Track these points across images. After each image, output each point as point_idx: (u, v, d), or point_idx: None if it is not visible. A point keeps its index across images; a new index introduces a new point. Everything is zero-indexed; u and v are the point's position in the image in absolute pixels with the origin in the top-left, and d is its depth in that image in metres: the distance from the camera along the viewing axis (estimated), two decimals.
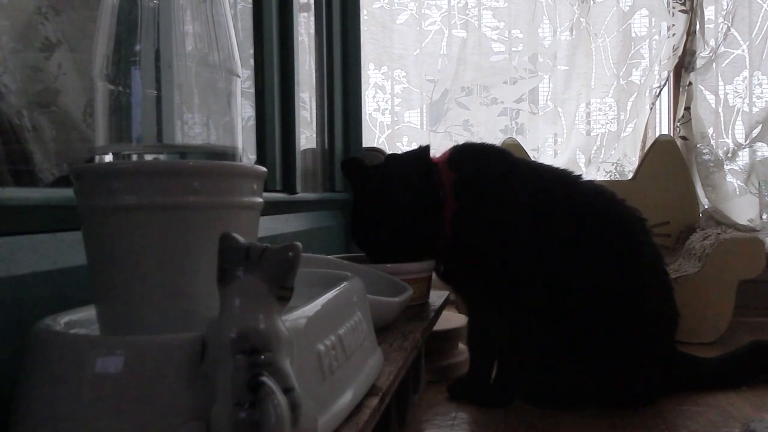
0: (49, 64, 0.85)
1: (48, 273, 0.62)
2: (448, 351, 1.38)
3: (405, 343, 0.84)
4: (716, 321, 1.66)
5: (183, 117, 0.55)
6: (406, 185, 1.13)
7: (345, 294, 0.68)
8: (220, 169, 0.52)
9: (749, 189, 2.07)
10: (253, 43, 1.37)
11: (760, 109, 2.12)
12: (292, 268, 0.45)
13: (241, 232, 0.47)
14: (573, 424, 1.06)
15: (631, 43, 2.21)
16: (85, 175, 0.51)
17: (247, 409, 0.39)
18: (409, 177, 1.14)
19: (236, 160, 0.56)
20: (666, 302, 1.16)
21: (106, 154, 0.53)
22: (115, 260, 0.50)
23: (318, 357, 0.55)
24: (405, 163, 1.18)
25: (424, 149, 1.18)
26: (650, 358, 1.13)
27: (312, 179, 1.75)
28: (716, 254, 1.66)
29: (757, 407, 1.13)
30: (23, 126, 0.77)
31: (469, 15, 2.28)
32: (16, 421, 0.47)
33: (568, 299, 1.08)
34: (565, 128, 2.24)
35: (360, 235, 1.18)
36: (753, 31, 2.11)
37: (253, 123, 1.38)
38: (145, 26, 0.53)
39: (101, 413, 0.43)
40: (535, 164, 1.34)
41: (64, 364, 0.46)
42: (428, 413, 1.13)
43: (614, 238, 1.13)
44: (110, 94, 0.53)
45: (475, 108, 2.29)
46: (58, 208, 0.66)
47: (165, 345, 0.45)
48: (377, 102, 2.33)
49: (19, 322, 0.54)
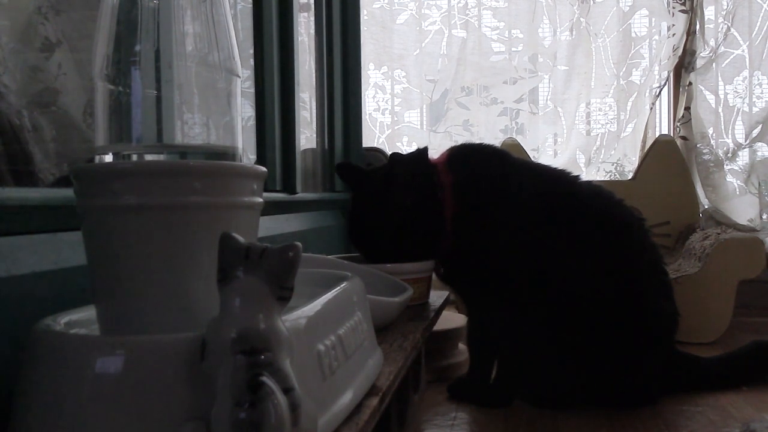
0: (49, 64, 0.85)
1: (48, 273, 0.62)
2: (448, 351, 1.38)
3: (405, 343, 0.84)
4: (716, 321, 1.66)
5: (183, 117, 0.55)
6: (405, 187, 1.13)
7: (345, 294, 0.68)
8: (220, 169, 0.52)
9: (749, 189, 2.07)
10: (253, 43, 1.37)
11: (760, 109, 2.12)
12: (292, 268, 0.45)
13: (241, 232, 0.47)
14: (573, 424, 1.06)
15: (631, 43, 2.21)
16: (85, 175, 0.51)
17: (247, 409, 0.39)
18: (409, 179, 1.13)
19: (236, 160, 0.56)
20: (666, 302, 1.16)
21: (106, 154, 0.53)
22: (115, 260, 0.50)
23: (318, 357, 0.55)
24: (404, 165, 1.18)
25: (423, 151, 1.18)
26: (650, 358, 1.13)
27: (312, 179, 1.75)
28: (716, 254, 1.66)
29: (757, 407, 1.13)
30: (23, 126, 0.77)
31: (469, 15, 2.28)
32: (16, 420, 0.47)
33: (567, 299, 1.08)
34: (565, 128, 2.24)
35: (358, 237, 1.18)
36: (753, 31, 2.11)
37: (253, 123, 1.38)
38: (145, 26, 0.53)
39: (101, 413, 0.43)
40: (533, 164, 1.35)
41: (64, 364, 0.46)
42: (428, 413, 1.13)
43: (613, 238, 1.13)
44: (110, 94, 0.53)
45: (475, 108, 2.29)
46: (58, 208, 0.66)
47: (165, 345, 0.45)
48: (377, 102, 2.33)
49: (19, 322, 0.54)
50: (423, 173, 1.14)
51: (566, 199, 1.15)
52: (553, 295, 1.09)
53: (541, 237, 1.10)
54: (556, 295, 1.09)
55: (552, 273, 1.09)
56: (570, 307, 1.08)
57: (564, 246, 1.10)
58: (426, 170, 1.14)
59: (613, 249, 1.12)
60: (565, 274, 1.09)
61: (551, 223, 1.11)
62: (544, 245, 1.10)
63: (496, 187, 1.13)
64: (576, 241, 1.11)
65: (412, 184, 1.13)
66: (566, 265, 1.09)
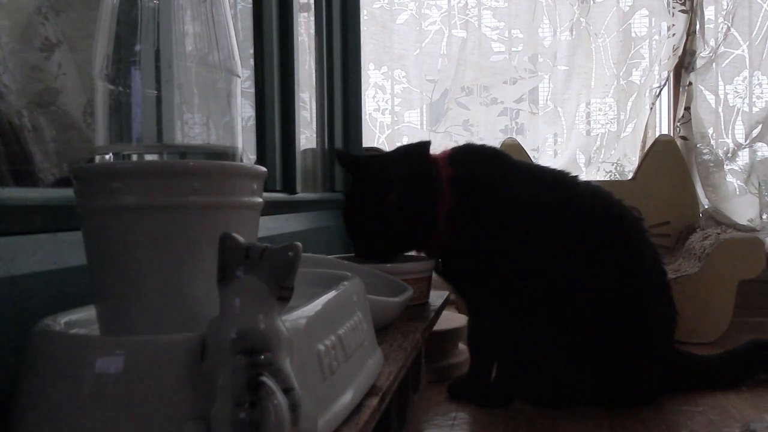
0: (49, 64, 0.85)
1: (48, 273, 0.62)
2: (448, 351, 1.38)
3: (405, 343, 0.84)
4: (716, 321, 1.66)
5: (183, 117, 0.55)
6: (401, 176, 1.13)
7: (345, 294, 0.68)
8: (220, 169, 0.52)
9: (749, 189, 2.07)
10: (253, 43, 1.37)
11: (760, 109, 2.12)
12: (292, 268, 0.45)
13: (241, 232, 0.47)
14: (573, 424, 1.06)
15: (631, 43, 2.21)
16: (85, 175, 0.51)
17: (247, 409, 0.39)
18: (406, 168, 1.14)
19: (236, 160, 0.56)
20: (664, 302, 1.16)
21: (106, 154, 0.53)
22: (115, 260, 0.50)
23: (318, 357, 0.55)
24: (404, 155, 1.18)
25: (424, 144, 1.18)
26: (649, 358, 1.13)
27: (312, 179, 1.75)
28: (716, 254, 1.66)
29: (757, 407, 1.13)
30: (23, 126, 0.77)
31: (469, 15, 2.28)
32: (16, 420, 0.47)
33: (566, 299, 1.08)
34: (565, 128, 2.24)
35: (350, 221, 1.18)
36: (753, 31, 2.11)
37: (253, 123, 1.38)
38: (145, 26, 0.53)
39: (101, 413, 0.43)
40: (533, 165, 1.35)
41: (64, 364, 0.46)
42: (428, 413, 1.13)
43: (612, 238, 1.13)
44: (110, 94, 0.53)
45: (475, 108, 2.29)
46: (58, 208, 0.66)
47: (165, 345, 0.45)
48: (377, 102, 2.33)
49: (19, 322, 0.54)
50: (421, 165, 1.14)
51: (564, 199, 1.15)
52: (552, 295, 1.09)
53: (538, 236, 1.10)
54: (556, 295, 1.09)
55: (550, 273, 1.09)
56: (569, 306, 1.08)
57: (562, 246, 1.10)
58: (425, 163, 1.14)
59: (611, 249, 1.12)
60: (564, 274, 1.09)
61: (548, 223, 1.11)
62: (540, 244, 1.10)
63: (495, 185, 1.14)
64: (574, 240, 1.11)
65: (409, 174, 1.13)
66: (565, 264, 1.09)
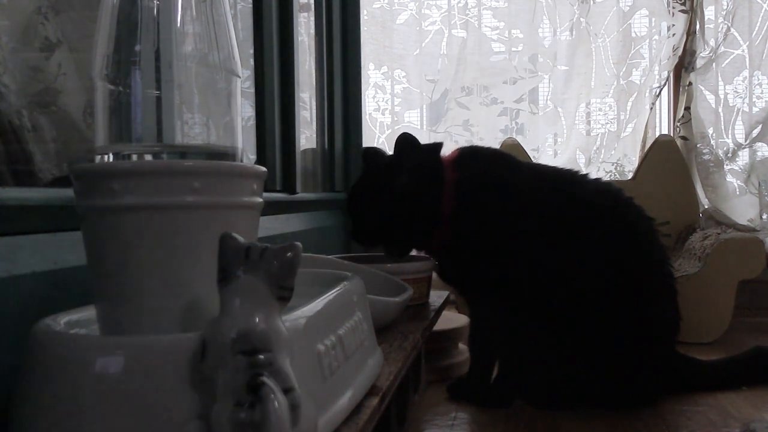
0: (49, 64, 0.85)
1: (48, 273, 0.62)
2: (448, 351, 1.38)
3: (405, 343, 0.84)
4: (716, 321, 1.66)
5: (183, 117, 0.55)
6: (415, 164, 1.14)
7: (345, 294, 0.68)
8: (220, 169, 0.52)
9: (749, 189, 2.07)
10: (253, 43, 1.37)
11: (760, 109, 2.12)
12: (292, 268, 0.45)
13: (241, 232, 0.47)
14: (573, 424, 1.06)
15: (631, 43, 2.21)
16: (85, 175, 0.51)
17: (247, 409, 0.39)
18: (420, 159, 1.14)
19: (236, 160, 0.56)
20: (669, 304, 1.15)
21: (106, 154, 0.53)
22: (115, 260, 0.50)
23: (318, 357, 0.55)
24: (417, 152, 1.18)
25: (437, 145, 1.19)
26: (651, 360, 1.13)
27: (312, 179, 1.75)
28: (716, 254, 1.66)
29: (757, 407, 1.13)
30: (23, 126, 0.77)
31: (469, 15, 2.28)
32: (16, 420, 0.47)
33: (567, 299, 1.08)
34: (565, 128, 2.24)
35: (355, 209, 1.19)
36: (753, 31, 2.11)
37: (253, 123, 1.38)
38: (145, 26, 0.53)
39: (101, 413, 0.43)
40: (538, 166, 1.35)
41: (64, 364, 0.46)
42: (428, 413, 1.13)
43: (618, 238, 1.12)
44: (110, 94, 0.53)
45: (475, 108, 2.29)
46: (58, 208, 0.66)
47: (165, 345, 0.45)
48: (377, 102, 2.32)
49: (19, 322, 0.54)
50: (432, 165, 1.14)
51: (571, 198, 1.14)
52: (553, 295, 1.09)
53: (541, 237, 1.10)
54: (557, 295, 1.09)
55: (552, 272, 1.09)
56: (570, 307, 1.08)
57: (565, 245, 1.10)
58: (436, 163, 1.15)
59: (616, 248, 1.11)
60: (566, 274, 1.09)
61: (552, 223, 1.11)
62: (543, 245, 1.10)
63: (497, 188, 1.13)
64: (578, 240, 1.10)
65: (421, 165, 1.13)
66: (567, 264, 1.09)
